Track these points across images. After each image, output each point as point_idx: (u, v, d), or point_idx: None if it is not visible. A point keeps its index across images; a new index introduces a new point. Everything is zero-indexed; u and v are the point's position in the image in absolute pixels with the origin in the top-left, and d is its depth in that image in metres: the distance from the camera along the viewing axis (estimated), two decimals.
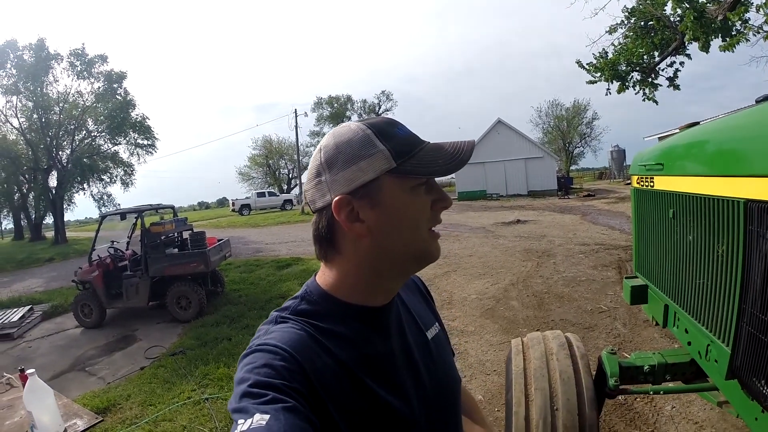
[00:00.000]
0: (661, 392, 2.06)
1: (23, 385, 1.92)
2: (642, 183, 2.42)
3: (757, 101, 1.86)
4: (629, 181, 3.13)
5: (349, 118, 43.96)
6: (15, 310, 8.04)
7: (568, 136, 44.96)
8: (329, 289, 0.69)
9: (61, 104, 23.93)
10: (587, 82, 9.64)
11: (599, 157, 49.62)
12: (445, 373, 0.78)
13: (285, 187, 48.09)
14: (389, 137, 0.65)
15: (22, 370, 2.03)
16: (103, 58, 24.68)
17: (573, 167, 48.60)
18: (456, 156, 0.67)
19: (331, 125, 44.84)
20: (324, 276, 0.71)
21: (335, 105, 47.05)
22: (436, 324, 0.84)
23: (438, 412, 0.73)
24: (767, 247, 1.22)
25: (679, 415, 2.84)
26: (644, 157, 2.35)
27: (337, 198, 0.63)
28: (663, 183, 2.10)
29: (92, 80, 24.95)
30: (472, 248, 9.60)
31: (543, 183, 30.69)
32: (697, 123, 2.08)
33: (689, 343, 1.89)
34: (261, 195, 34.57)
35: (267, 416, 0.50)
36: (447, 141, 0.69)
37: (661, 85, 9.25)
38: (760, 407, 1.26)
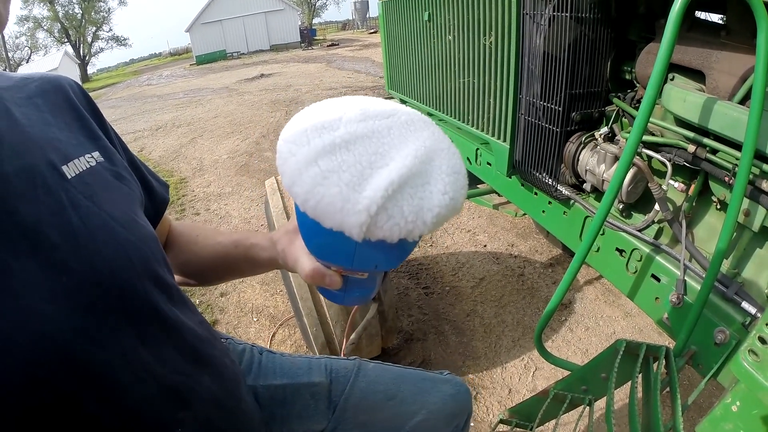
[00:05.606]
0: None
1: None
2: None
3: None
4: (372, 31, 2.91)
5: None
6: None
7: None
8: None
9: None
10: None
11: (342, 10, 49.70)
12: (104, 223, 0.46)
13: None
14: None
15: None
16: None
17: (316, 20, 47.55)
18: None
19: None
20: None
21: None
22: (95, 153, 0.51)
23: (106, 283, 0.43)
24: (542, 29, 1.11)
25: (452, 227, 3.16)
26: None
27: None
28: None
29: None
30: (216, 109, 8.65)
31: (285, 36, 30.13)
32: None
33: None
34: None
35: None
36: None
37: None
38: (547, 199, 1.28)
